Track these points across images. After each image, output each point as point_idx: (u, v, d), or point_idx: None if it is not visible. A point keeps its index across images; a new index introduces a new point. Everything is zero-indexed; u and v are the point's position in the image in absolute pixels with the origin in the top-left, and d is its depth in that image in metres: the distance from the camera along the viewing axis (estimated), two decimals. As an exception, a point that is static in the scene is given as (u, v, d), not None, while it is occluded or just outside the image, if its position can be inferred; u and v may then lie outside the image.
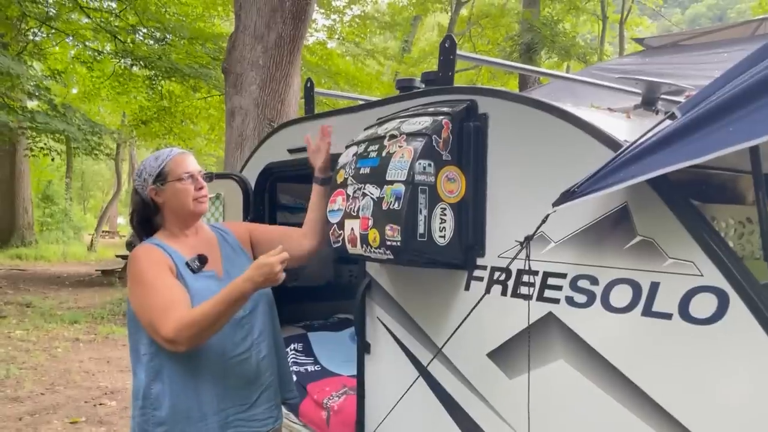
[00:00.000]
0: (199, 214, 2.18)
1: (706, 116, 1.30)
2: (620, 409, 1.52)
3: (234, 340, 2.07)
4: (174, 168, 2.12)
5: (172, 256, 2.05)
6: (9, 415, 5.34)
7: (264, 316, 2.19)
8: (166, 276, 1.97)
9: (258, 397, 2.13)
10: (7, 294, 11.83)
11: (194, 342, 1.89)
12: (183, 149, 2.23)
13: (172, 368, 1.99)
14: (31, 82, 13.69)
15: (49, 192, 26.02)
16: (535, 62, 12.47)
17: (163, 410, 1.98)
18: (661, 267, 1.45)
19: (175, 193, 2.12)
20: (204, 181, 2.17)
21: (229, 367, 2.06)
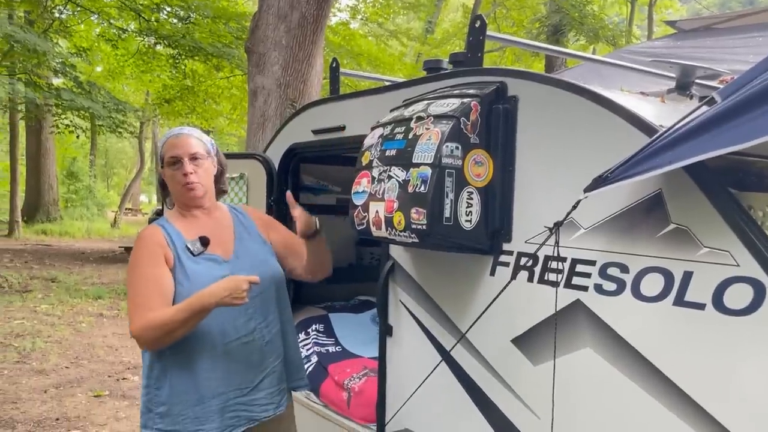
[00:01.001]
0: (190, 199, 2.12)
1: (746, 102, 1.26)
2: (648, 399, 1.50)
3: (236, 324, 2.05)
4: (166, 151, 2.11)
5: (173, 239, 2.06)
6: (35, 387, 5.46)
7: (271, 301, 2.15)
8: (155, 267, 1.98)
9: (260, 381, 2.10)
10: (33, 269, 12.05)
11: (156, 344, 1.94)
12: (184, 129, 2.17)
13: (172, 350, 1.99)
14: (57, 60, 13.81)
15: (74, 169, 26.34)
16: (562, 44, 12.26)
17: (164, 390, 2.01)
18: (695, 256, 1.42)
19: (168, 178, 2.13)
20: (192, 167, 2.07)
21: (230, 351, 2.03)
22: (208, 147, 2.17)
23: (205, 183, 2.12)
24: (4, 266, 11.82)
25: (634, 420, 1.53)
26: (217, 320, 2.00)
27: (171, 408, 2.00)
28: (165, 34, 14.62)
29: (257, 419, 2.09)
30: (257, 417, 2.09)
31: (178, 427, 1.99)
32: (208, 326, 1.99)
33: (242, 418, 2.05)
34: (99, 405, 5.13)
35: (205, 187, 2.13)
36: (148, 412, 2.04)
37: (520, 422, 1.82)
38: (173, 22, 15.11)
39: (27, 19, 16.10)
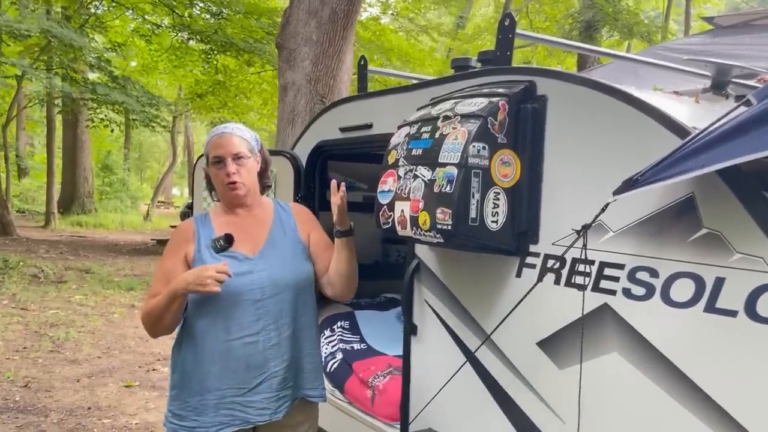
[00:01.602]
0: (232, 198, 2.15)
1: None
2: (676, 406, 1.47)
3: (242, 322, 2.04)
4: (210, 150, 2.15)
5: (200, 235, 2.13)
6: (68, 376, 5.58)
7: (286, 304, 2.10)
8: (171, 260, 2.11)
9: (258, 384, 2.05)
10: (68, 259, 12.32)
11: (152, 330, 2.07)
12: (227, 127, 2.19)
13: (187, 339, 2.09)
14: (93, 55, 14.07)
15: (109, 162, 26.85)
16: (596, 41, 12.04)
17: (176, 376, 2.11)
18: (728, 262, 1.38)
19: (213, 176, 2.18)
20: (236, 166, 2.10)
21: (231, 348, 2.03)
22: (251, 145, 2.18)
23: (247, 182, 2.14)
24: (40, 257, 12.11)
25: (662, 428, 1.50)
26: (224, 316, 2.02)
27: (179, 393, 2.08)
28: (198, 29, 14.80)
29: (252, 422, 2.06)
30: (252, 420, 2.05)
31: (183, 413, 2.06)
32: (214, 322, 2.03)
33: (237, 417, 2.03)
34: (129, 395, 5.23)
35: (248, 186, 2.15)
36: (169, 390, 2.14)
37: (545, 426, 1.80)
38: (206, 18, 15.28)
39: (64, 15, 16.42)
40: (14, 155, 22.32)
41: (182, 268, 2.07)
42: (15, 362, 5.85)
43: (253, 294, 2.05)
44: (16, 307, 8.04)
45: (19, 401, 4.88)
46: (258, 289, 2.06)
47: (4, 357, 5.97)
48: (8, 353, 6.10)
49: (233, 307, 2.03)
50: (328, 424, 2.83)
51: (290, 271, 2.13)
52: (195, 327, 2.05)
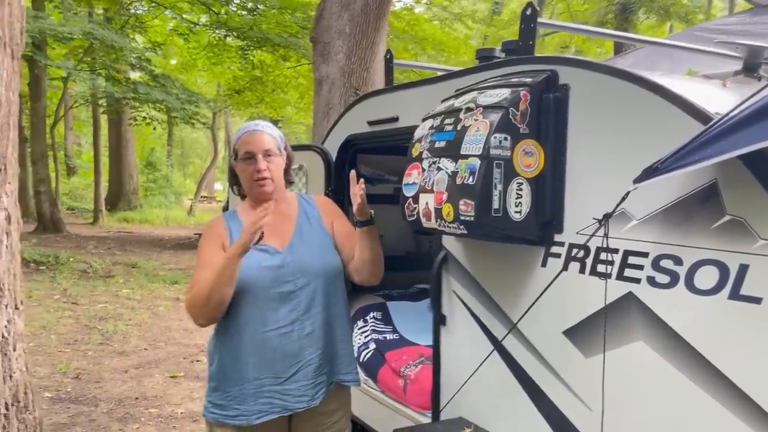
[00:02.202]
0: (259, 194, 2.20)
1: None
2: (701, 394, 1.46)
3: (277, 314, 2.10)
4: (240, 146, 2.20)
5: (231, 229, 2.20)
6: (116, 367, 5.79)
7: (318, 293, 2.15)
8: (210, 252, 2.14)
9: (295, 372, 2.11)
10: (116, 255, 12.71)
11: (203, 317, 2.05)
12: (258, 124, 2.25)
13: (224, 332, 2.13)
14: (133, 55, 14.41)
15: (152, 159, 27.50)
16: (632, 23, 11.74)
17: (214, 367, 2.16)
18: (752, 248, 1.37)
19: (240, 173, 2.23)
20: (265, 163, 2.16)
21: (268, 339, 2.09)
22: (279, 143, 2.25)
23: (275, 178, 2.21)
24: (89, 253, 12.53)
25: (687, 414, 1.50)
26: (258, 308, 2.08)
27: (219, 384, 2.13)
28: (234, 26, 15.01)
29: (291, 409, 2.12)
30: (291, 407, 2.11)
31: (223, 403, 2.11)
32: (250, 313, 2.09)
33: (276, 405, 2.10)
34: (175, 385, 5.39)
35: (275, 182, 2.22)
36: (207, 381, 2.20)
37: (571, 414, 1.81)
38: (241, 14, 15.49)
39: (105, 17, 16.86)
40: (63, 155, 23.08)
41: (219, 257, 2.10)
42: (67, 355, 6.09)
43: (285, 286, 2.12)
44: (67, 301, 8.35)
45: (71, 392, 5.09)
46: (290, 281, 2.12)
47: (57, 350, 6.22)
48: (60, 346, 6.35)
49: (267, 300, 2.09)
50: (362, 412, 2.88)
51: (319, 261, 2.18)
52: (232, 320, 2.12)
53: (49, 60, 14.04)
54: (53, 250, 11.73)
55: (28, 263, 10.31)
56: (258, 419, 2.08)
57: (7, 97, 1.52)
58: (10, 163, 1.62)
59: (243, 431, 2.12)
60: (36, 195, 15.03)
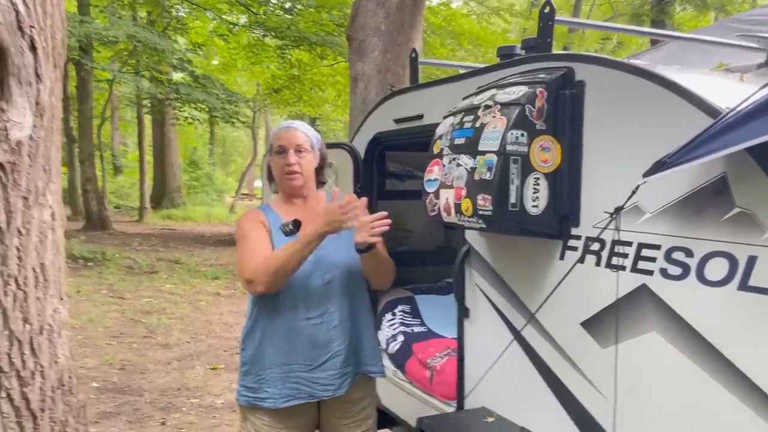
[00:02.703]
0: (288, 187, 2.32)
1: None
2: (713, 384, 1.49)
3: (308, 304, 2.22)
4: (275, 141, 2.33)
5: (269, 218, 2.30)
6: (160, 359, 6.01)
7: (344, 287, 2.27)
8: (257, 231, 2.24)
9: (324, 362, 2.22)
10: (159, 251, 13.08)
11: (268, 281, 2.11)
12: (294, 123, 2.38)
13: (259, 319, 2.25)
14: (175, 56, 14.77)
15: (195, 157, 28.05)
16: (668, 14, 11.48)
17: (247, 352, 2.28)
18: (760, 240, 1.39)
19: (273, 166, 2.35)
20: (296, 157, 2.27)
21: (299, 328, 2.21)
22: (312, 141, 2.36)
23: (305, 173, 2.32)
24: (134, 249, 12.92)
25: (697, 403, 1.53)
26: (291, 299, 2.20)
27: (251, 368, 2.25)
28: (272, 26, 15.24)
29: (317, 396, 2.22)
30: (317, 395, 2.22)
31: (254, 385, 2.24)
32: (283, 303, 2.20)
33: (302, 391, 2.21)
34: (215, 377, 5.58)
35: (305, 177, 2.33)
36: (240, 367, 2.33)
37: (589, 403, 1.85)
38: (279, 14, 15.71)
39: (148, 19, 17.30)
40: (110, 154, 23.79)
41: (268, 237, 2.24)
42: (113, 347, 6.35)
43: (316, 279, 2.23)
44: (113, 296, 8.66)
45: (117, 382, 5.31)
46: (320, 276, 2.24)
47: (104, 342, 6.48)
48: (107, 339, 6.61)
49: (300, 291, 2.21)
50: (391, 402, 2.96)
51: (344, 257, 2.29)
52: (267, 308, 2.24)
53: (95, 63, 14.50)
54: (100, 246, 12.15)
55: (77, 259, 10.72)
56: (285, 403, 2.19)
57: (50, 103, 1.64)
58: (54, 165, 1.75)
59: (273, 414, 2.22)
60: (84, 194, 15.56)
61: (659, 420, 1.64)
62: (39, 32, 1.66)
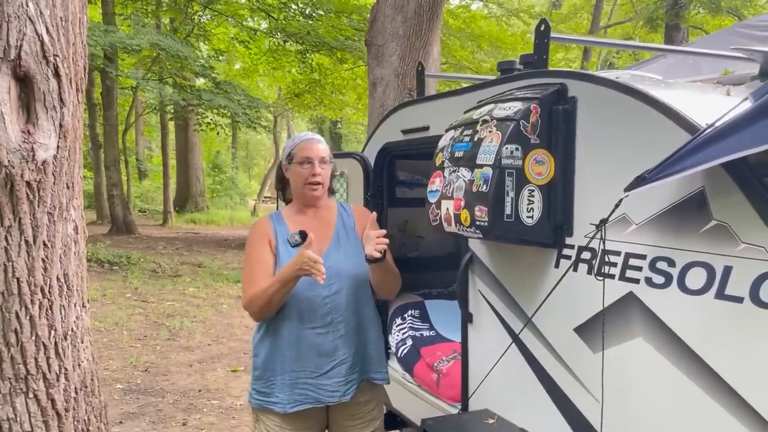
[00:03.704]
0: (309, 198, 2.42)
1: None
2: (693, 388, 1.56)
3: (313, 314, 2.32)
4: (298, 152, 2.42)
5: (277, 231, 2.40)
6: (182, 361, 6.17)
7: (349, 298, 2.36)
8: (261, 251, 2.36)
9: (330, 369, 2.32)
10: (183, 255, 13.32)
11: (260, 313, 2.29)
12: (315, 135, 2.51)
13: (268, 328, 2.37)
14: (198, 63, 15.04)
15: (218, 161, 28.43)
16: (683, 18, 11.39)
17: (259, 358, 2.39)
18: (734, 251, 1.46)
19: (294, 175, 2.44)
20: (320, 168, 2.39)
21: (305, 337, 2.32)
22: (329, 154, 2.49)
23: (325, 185, 2.46)
24: (158, 253, 13.18)
25: (681, 407, 1.60)
26: (298, 309, 2.31)
27: (262, 374, 2.37)
28: (292, 31, 15.44)
29: (323, 402, 2.33)
30: (323, 400, 2.33)
31: (266, 390, 2.36)
32: (290, 313, 2.31)
33: (309, 397, 2.32)
34: (235, 379, 5.72)
35: (324, 189, 2.46)
36: (252, 371, 2.44)
37: (582, 406, 1.93)
38: (299, 20, 15.91)
39: (172, 27, 17.62)
40: (134, 159, 24.22)
41: (270, 254, 2.37)
42: (137, 349, 6.53)
43: (322, 290, 2.32)
44: (137, 299, 8.88)
45: (140, 384, 5.48)
46: (326, 287, 2.32)
47: (128, 345, 6.67)
48: (131, 341, 6.80)
49: (306, 301, 2.32)
50: (401, 405, 3.06)
51: (352, 267, 2.39)
52: (276, 319, 2.35)
53: (119, 71, 14.83)
54: (125, 250, 12.42)
55: (103, 264, 10.99)
56: (293, 408, 2.30)
57: (73, 125, 1.77)
58: (77, 181, 1.88)
59: (284, 417, 2.34)
60: (109, 198, 15.89)
61: (647, 424, 1.71)
62: (62, 60, 1.80)
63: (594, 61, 19.61)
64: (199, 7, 16.80)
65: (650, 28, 13.93)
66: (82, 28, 1.87)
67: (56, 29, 1.80)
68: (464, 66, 17.05)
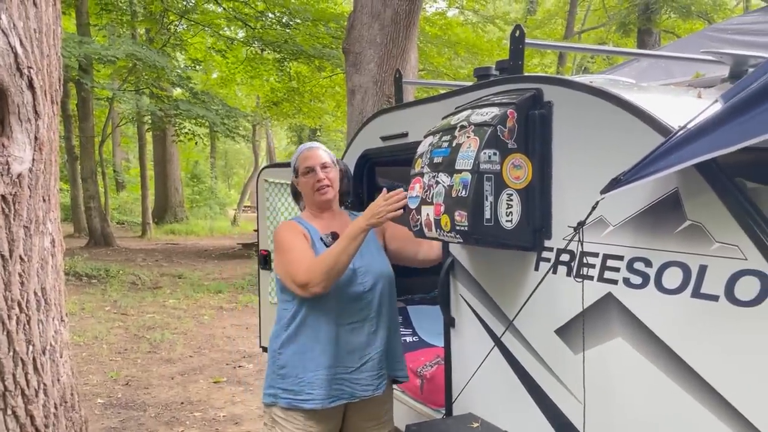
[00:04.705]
0: (321, 202, 2.49)
1: (743, 103, 1.33)
2: (673, 386, 1.58)
3: (351, 310, 2.38)
4: (300, 163, 2.51)
5: (308, 229, 2.45)
6: (163, 374, 6.10)
7: (382, 295, 2.44)
8: (301, 241, 2.39)
9: (363, 364, 2.39)
10: (163, 266, 13.19)
11: (324, 280, 2.23)
12: (313, 144, 2.58)
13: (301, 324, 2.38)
14: (174, 73, 14.95)
15: (197, 171, 28.25)
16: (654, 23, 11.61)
17: (285, 356, 2.39)
18: (709, 251, 1.49)
19: (303, 186, 2.52)
20: (323, 173, 2.46)
21: (341, 333, 2.36)
22: (332, 158, 2.57)
23: (334, 186, 2.52)
24: (138, 265, 13.04)
25: (660, 405, 1.62)
26: (335, 305, 2.35)
27: (291, 371, 2.37)
28: (270, 40, 15.42)
29: (358, 396, 2.39)
30: (358, 394, 2.39)
31: (295, 388, 2.35)
32: (328, 310, 2.35)
33: (345, 392, 2.37)
34: (218, 390, 5.66)
35: (334, 190, 2.52)
36: (272, 373, 2.43)
37: (565, 407, 1.95)
38: (276, 28, 15.89)
39: (148, 37, 17.50)
40: (112, 170, 23.97)
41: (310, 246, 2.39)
42: (117, 363, 6.44)
43: (356, 287, 2.39)
44: (117, 312, 8.77)
45: (121, 398, 5.41)
46: (360, 283, 2.40)
47: (108, 358, 6.58)
48: (111, 355, 6.72)
49: (342, 298, 2.37)
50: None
51: (380, 265, 2.48)
52: (311, 314, 2.37)
53: (95, 82, 14.68)
54: (104, 263, 12.27)
55: (81, 277, 10.84)
56: (331, 403, 2.34)
57: (48, 137, 1.76)
58: (53, 194, 1.86)
59: (310, 416, 2.36)
60: (87, 211, 15.70)
61: (628, 422, 1.73)
62: (37, 72, 1.78)
63: (569, 66, 19.84)
64: (175, 17, 16.71)
65: (623, 32, 14.16)
66: (56, 40, 1.86)
67: (30, 41, 1.79)
68: (442, 72, 17.15)
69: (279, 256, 2.40)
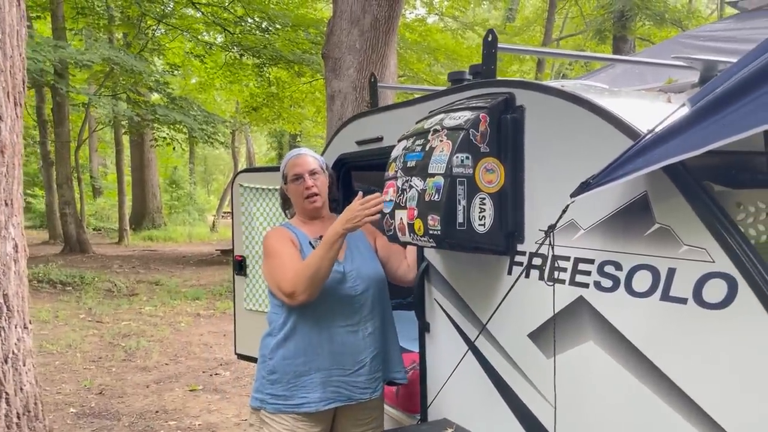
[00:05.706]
0: (311, 210, 2.50)
1: (709, 107, 1.34)
2: (643, 390, 1.58)
3: (344, 313, 2.38)
4: (289, 170, 2.52)
5: (297, 235, 2.45)
6: (138, 382, 6.01)
7: (374, 298, 2.46)
8: (289, 247, 2.38)
9: (360, 367, 2.40)
10: (140, 273, 13.03)
11: (308, 287, 2.23)
12: (301, 150, 2.59)
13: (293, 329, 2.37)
14: (152, 78, 14.82)
15: (175, 177, 27.98)
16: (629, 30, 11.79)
17: (275, 360, 2.37)
18: (677, 254, 1.50)
19: (292, 193, 2.53)
20: (311, 181, 2.46)
21: (336, 335, 2.36)
22: (321, 164, 2.57)
23: (322, 195, 2.53)
24: (114, 272, 12.87)
25: (631, 408, 1.63)
26: (329, 308, 2.35)
27: (282, 376, 2.35)
28: (249, 45, 15.36)
29: (355, 399, 2.39)
30: (355, 397, 2.39)
31: (286, 393, 2.34)
32: (321, 312, 2.34)
33: (342, 395, 2.37)
34: (194, 398, 5.60)
35: (323, 198, 2.53)
36: (261, 378, 2.41)
37: (537, 411, 1.94)
38: (256, 34, 15.83)
39: (125, 41, 17.33)
40: (88, 176, 23.65)
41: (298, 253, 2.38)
42: (91, 371, 6.34)
43: (349, 291, 2.40)
44: (92, 320, 8.64)
45: (95, 407, 5.32)
46: (352, 287, 2.41)
47: (82, 367, 6.47)
48: (85, 363, 6.61)
49: (333, 302, 2.37)
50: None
51: (372, 269, 2.49)
52: (304, 318, 2.36)
53: (71, 86, 14.50)
54: (79, 270, 12.09)
55: (55, 284, 10.67)
56: (326, 406, 2.33)
57: (11, 140, 1.71)
58: (16, 198, 1.82)
59: (300, 420, 2.33)
60: (62, 217, 15.48)
61: (599, 426, 1.73)
62: (-1, 73, 1.74)
63: (547, 72, 20.03)
64: (153, 22, 16.58)
65: (599, 39, 14.34)
66: (20, 41, 1.81)
67: (-7, 42, 1.75)
68: (421, 78, 17.22)
69: (266, 263, 2.40)
